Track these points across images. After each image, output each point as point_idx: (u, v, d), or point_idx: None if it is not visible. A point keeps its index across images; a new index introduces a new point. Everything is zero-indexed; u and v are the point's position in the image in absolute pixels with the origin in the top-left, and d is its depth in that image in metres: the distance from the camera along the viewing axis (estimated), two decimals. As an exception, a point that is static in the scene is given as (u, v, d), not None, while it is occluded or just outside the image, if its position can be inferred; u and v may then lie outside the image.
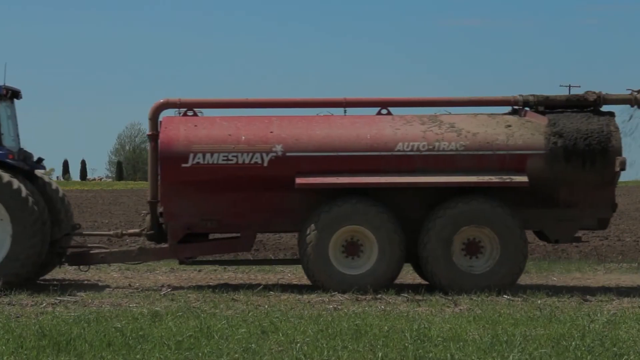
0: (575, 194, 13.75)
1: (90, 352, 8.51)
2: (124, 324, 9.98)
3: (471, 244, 13.60)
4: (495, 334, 9.38)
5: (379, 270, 13.45)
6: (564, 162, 13.56)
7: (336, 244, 13.53)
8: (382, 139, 13.65)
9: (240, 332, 9.50)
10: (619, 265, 17.96)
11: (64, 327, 9.73)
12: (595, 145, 13.56)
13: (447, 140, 13.65)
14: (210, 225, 13.78)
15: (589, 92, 14.09)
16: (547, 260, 18.80)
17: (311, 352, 8.53)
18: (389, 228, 13.44)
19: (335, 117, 14.14)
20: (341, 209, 13.45)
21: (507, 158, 13.59)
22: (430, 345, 8.84)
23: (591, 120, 13.77)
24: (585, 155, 13.55)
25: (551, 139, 13.60)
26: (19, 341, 8.93)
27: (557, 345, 8.86)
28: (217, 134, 13.65)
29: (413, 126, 13.81)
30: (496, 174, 13.54)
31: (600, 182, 13.67)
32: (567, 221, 13.86)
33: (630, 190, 45.57)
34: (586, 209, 13.82)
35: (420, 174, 13.56)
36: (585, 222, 13.95)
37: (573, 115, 13.88)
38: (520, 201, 13.75)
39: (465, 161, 13.59)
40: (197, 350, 8.59)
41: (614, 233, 26.09)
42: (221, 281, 15.10)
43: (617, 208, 14.22)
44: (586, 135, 13.59)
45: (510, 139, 13.66)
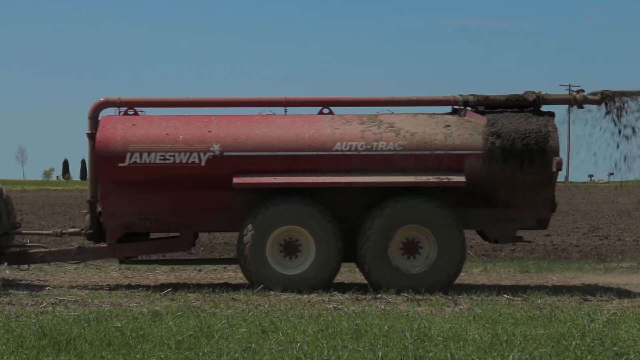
0: (514, 194, 13.75)
1: (90, 352, 8.51)
2: (124, 323, 9.98)
3: (410, 243, 13.60)
4: (495, 334, 9.39)
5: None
6: (502, 162, 13.55)
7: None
8: (320, 139, 13.67)
9: (241, 331, 9.50)
10: (619, 265, 17.97)
11: (64, 326, 9.73)
12: (533, 146, 13.55)
13: (385, 140, 13.66)
14: (149, 224, 13.79)
15: (528, 92, 14.09)
16: (547, 260, 18.81)
17: (311, 351, 8.53)
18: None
19: (275, 116, 14.15)
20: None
21: (445, 158, 13.59)
22: (431, 344, 8.85)
23: (530, 121, 13.78)
24: (523, 155, 13.55)
25: (489, 139, 13.60)
26: (19, 341, 8.93)
27: (557, 344, 8.86)
28: (155, 133, 13.67)
29: (352, 126, 13.83)
30: (434, 174, 13.54)
31: (538, 182, 13.66)
32: (506, 221, 13.86)
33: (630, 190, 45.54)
34: (525, 209, 13.82)
35: (358, 173, 13.58)
36: (525, 222, 13.94)
37: (512, 115, 13.89)
38: (460, 201, 13.77)
39: (403, 161, 13.61)
40: (197, 350, 8.60)
41: (614, 232, 26.11)
42: (221, 281, 15.11)
43: (557, 208, 14.22)
44: (524, 136, 13.59)
45: (449, 138, 13.66)
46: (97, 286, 14.22)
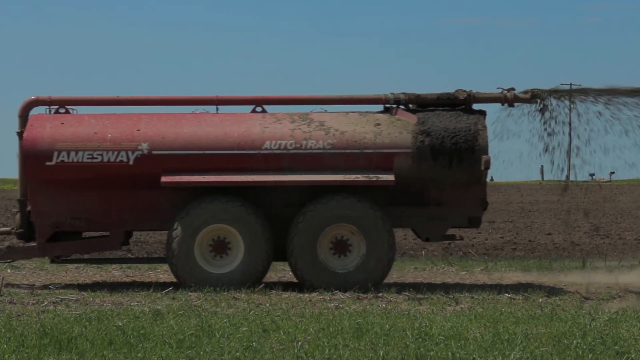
0: (444, 192, 13.74)
1: (91, 351, 8.51)
2: (125, 322, 9.98)
3: (339, 242, 13.59)
4: (497, 333, 9.39)
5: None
6: (431, 161, 13.53)
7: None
8: (249, 137, 13.66)
9: (242, 330, 9.50)
10: (620, 264, 17.95)
11: (65, 325, 9.73)
12: (462, 144, 13.52)
13: (314, 139, 13.64)
14: (78, 223, 13.77)
15: (459, 90, 14.06)
16: (548, 258, 18.80)
17: (312, 350, 8.53)
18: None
19: (205, 114, 14.11)
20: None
21: (375, 157, 13.57)
22: (432, 343, 8.84)
23: (460, 119, 13.76)
24: (452, 154, 13.52)
25: (418, 137, 13.58)
26: (20, 340, 8.93)
27: (558, 343, 8.86)
28: (83, 132, 13.66)
29: (282, 124, 13.82)
30: (363, 172, 13.51)
31: (468, 180, 13.64)
32: (437, 220, 13.83)
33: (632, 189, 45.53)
34: (456, 208, 13.80)
35: (287, 172, 13.57)
36: (456, 220, 13.91)
37: (443, 114, 13.86)
38: (391, 200, 13.76)
39: (333, 160, 13.58)
40: (198, 349, 8.60)
41: (615, 231, 26.11)
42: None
43: (488, 206, 14.22)
44: (453, 134, 13.56)
45: (378, 137, 13.64)
46: (98, 285, 14.21)
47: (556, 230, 26.85)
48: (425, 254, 20.05)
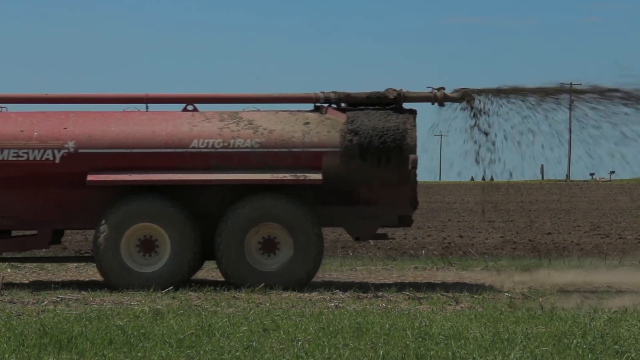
0: (374, 191, 13.70)
1: (91, 350, 8.51)
2: (126, 322, 9.99)
3: (268, 241, 13.59)
4: (497, 332, 9.38)
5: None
6: (360, 160, 13.49)
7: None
8: (177, 136, 13.64)
9: (242, 330, 9.50)
10: (621, 263, 17.96)
11: (66, 325, 9.73)
12: (390, 143, 13.49)
13: (242, 138, 13.62)
14: (7, 222, 13.74)
15: (389, 89, 14.04)
16: (547, 258, 18.81)
17: (312, 350, 8.53)
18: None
19: (134, 113, 14.09)
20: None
21: (303, 156, 13.55)
22: (432, 343, 8.84)
23: (389, 118, 13.73)
24: (380, 153, 13.49)
25: (347, 136, 13.55)
26: (20, 339, 8.93)
27: (558, 343, 8.86)
28: (9, 130, 13.63)
29: (211, 123, 13.80)
30: (291, 171, 13.49)
31: (396, 180, 13.61)
32: (367, 218, 13.79)
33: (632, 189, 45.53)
34: (386, 207, 13.77)
35: (215, 171, 13.55)
36: (386, 219, 13.89)
37: (373, 113, 13.83)
38: (321, 198, 13.73)
39: (261, 159, 13.57)
40: (199, 348, 8.60)
41: (615, 231, 26.13)
42: (222, 279, 15.10)
43: (419, 206, 14.23)
44: (382, 133, 13.54)
45: (307, 136, 13.63)
46: (98, 284, 14.21)
47: (556, 229, 26.87)
48: (425, 254, 20.05)
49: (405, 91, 14.06)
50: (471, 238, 24.83)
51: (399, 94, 13.99)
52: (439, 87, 14.24)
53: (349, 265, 17.69)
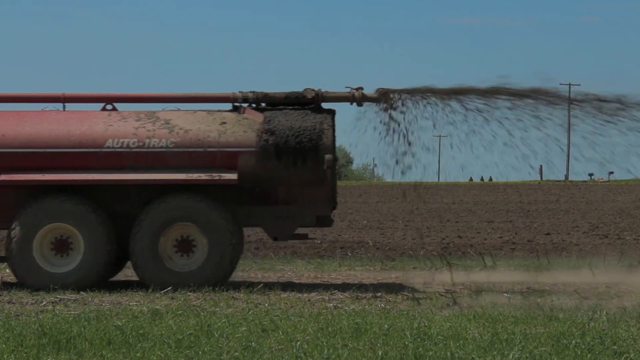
0: (291, 191, 13.69)
1: (90, 351, 8.51)
2: (124, 322, 9.98)
3: (184, 241, 13.57)
4: (495, 332, 9.38)
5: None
6: (275, 160, 13.48)
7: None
8: (91, 136, 13.62)
9: (241, 330, 9.50)
10: (619, 264, 17.96)
11: (64, 325, 9.73)
12: (306, 143, 13.47)
13: (158, 137, 13.60)
14: None
15: (307, 89, 14.03)
16: (546, 258, 18.82)
17: (311, 350, 8.53)
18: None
19: (50, 112, 14.05)
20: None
21: (218, 155, 13.54)
22: (431, 343, 8.84)
23: (307, 118, 13.71)
24: (297, 153, 13.47)
25: (263, 136, 13.53)
26: (19, 339, 8.92)
27: (557, 343, 8.86)
28: None
29: (127, 122, 13.77)
30: (207, 171, 13.48)
31: (313, 180, 13.59)
32: (285, 218, 13.77)
33: (631, 189, 45.52)
34: (304, 207, 13.75)
35: (130, 171, 13.53)
36: (304, 219, 13.86)
37: (291, 113, 13.82)
38: (239, 198, 13.71)
39: (176, 158, 13.54)
40: (197, 349, 8.59)
41: (614, 231, 26.13)
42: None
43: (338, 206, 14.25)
44: (298, 133, 13.52)
45: (223, 136, 13.61)
46: (97, 284, 14.19)
47: (555, 230, 26.87)
48: (424, 254, 20.06)
49: (324, 91, 14.04)
50: (470, 238, 24.85)
51: (317, 93, 13.97)
52: (358, 87, 14.21)
53: (347, 266, 17.71)
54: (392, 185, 45.29)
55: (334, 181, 14.03)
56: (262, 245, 22.49)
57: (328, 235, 25.32)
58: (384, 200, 40.56)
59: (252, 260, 18.62)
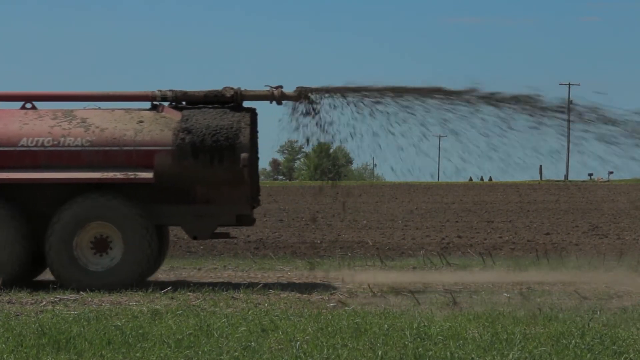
0: (210, 190, 13.68)
1: (90, 350, 8.51)
2: (124, 322, 9.98)
3: (100, 240, 13.57)
4: (495, 332, 9.38)
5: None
6: (192, 159, 13.46)
7: None
8: (5, 134, 13.61)
9: (240, 330, 9.50)
10: (619, 264, 17.95)
11: (64, 325, 9.73)
12: (223, 142, 13.48)
13: (73, 136, 13.59)
14: None
15: (227, 87, 14.04)
16: (546, 258, 18.80)
17: (311, 350, 8.53)
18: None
19: None
20: None
21: (134, 154, 13.53)
22: (430, 343, 8.84)
23: (225, 117, 13.73)
24: (213, 151, 13.48)
25: (179, 135, 13.53)
26: (18, 339, 8.93)
27: (556, 343, 8.86)
28: None
29: (43, 121, 13.75)
30: (123, 170, 13.46)
31: (231, 178, 13.58)
32: (204, 217, 13.76)
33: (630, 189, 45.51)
34: (224, 206, 13.74)
35: (44, 170, 13.48)
36: (224, 218, 13.87)
37: (209, 112, 13.82)
38: (157, 197, 13.70)
39: (92, 157, 13.53)
40: (197, 349, 8.59)
41: (613, 231, 26.13)
42: (221, 279, 15.10)
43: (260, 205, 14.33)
44: (215, 132, 13.52)
45: (139, 134, 13.61)
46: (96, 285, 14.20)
47: (555, 230, 26.86)
48: (424, 254, 20.05)
49: (243, 89, 14.05)
50: (470, 238, 24.84)
51: (236, 92, 13.99)
52: (277, 86, 14.25)
53: (347, 266, 17.70)
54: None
55: (255, 180, 14.06)
56: (261, 245, 22.50)
57: (328, 236, 25.32)
58: (383, 200, 40.56)
59: (252, 260, 18.62)
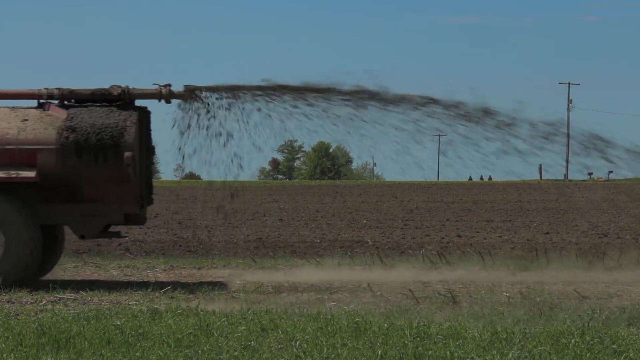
0: (97, 189, 13.61)
1: (89, 350, 8.51)
2: (124, 321, 9.98)
3: None
4: (495, 332, 9.38)
5: None
6: (76, 157, 13.39)
7: None
8: None
9: (240, 329, 9.50)
10: (619, 263, 17.95)
11: (64, 324, 9.73)
12: (107, 141, 13.40)
13: None
14: None
15: (114, 86, 14.00)
16: (545, 257, 18.80)
17: (311, 349, 8.53)
18: None
19: None
20: None
21: (17, 153, 13.45)
22: (430, 342, 8.84)
23: (111, 115, 13.65)
24: (97, 150, 13.40)
25: (64, 133, 13.45)
26: (18, 339, 8.93)
27: (556, 342, 8.86)
28: None
29: None
30: (5, 169, 13.40)
31: (117, 177, 13.50)
32: (92, 216, 13.70)
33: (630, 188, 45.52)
34: (112, 205, 13.68)
35: None
36: (112, 217, 13.81)
37: (96, 110, 13.76)
38: (42, 197, 13.63)
39: None
40: (197, 348, 8.59)
41: (613, 230, 26.12)
42: (221, 279, 15.10)
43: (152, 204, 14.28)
44: (99, 130, 13.45)
45: (22, 133, 13.54)
46: (96, 284, 14.21)
47: (554, 229, 26.86)
48: (424, 253, 20.05)
49: (131, 88, 13.99)
50: (469, 237, 24.83)
51: (123, 90, 13.93)
52: (166, 84, 14.20)
53: (347, 265, 17.70)
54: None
55: (144, 178, 14.02)
56: (261, 245, 22.50)
57: (328, 234, 25.32)
58: (383, 200, 40.56)
59: (252, 260, 18.63)
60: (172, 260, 18.70)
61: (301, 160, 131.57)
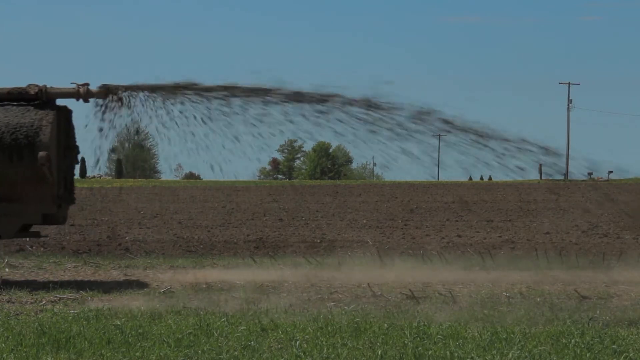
0: (13, 188, 13.57)
1: (89, 350, 8.51)
2: (124, 321, 9.99)
3: None
4: (495, 332, 9.38)
5: None
6: None
7: None
8: None
9: (240, 329, 9.50)
10: (619, 263, 17.96)
11: (64, 324, 9.73)
12: (22, 140, 13.40)
13: None
14: None
15: (31, 85, 13.94)
16: (545, 257, 18.80)
17: (310, 349, 8.53)
18: None
19: None
20: None
21: None
22: (430, 342, 8.85)
23: (27, 114, 13.63)
24: (12, 149, 13.39)
25: None
26: (18, 339, 8.93)
27: (556, 342, 8.86)
28: None
29: None
30: None
31: (32, 177, 13.47)
32: (8, 216, 13.66)
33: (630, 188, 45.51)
34: (28, 204, 13.65)
35: None
36: (30, 217, 13.77)
37: (12, 109, 13.74)
38: None
39: None
40: (197, 348, 8.60)
41: (613, 230, 26.12)
42: (220, 278, 15.09)
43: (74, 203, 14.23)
44: (14, 129, 13.44)
45: None
46: (96, 284, 14.21)
47: (554, 229, 26.86)
48: (424, 253, 20.05)
49: (48, 87, 13.95)
50: (469, 237, 24.83)
51: (40, 89, 13.88)
52: (84, 83, 14.15)
53: (347, 265, 17.69)
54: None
55: (65, 178, 13.98)
56: (261, 244, 22.49)
57: (328, 235, 25.32)
58: (383, 200, 40.56)
59: (251, 260, 18.62)
60: (173, 260, 18.70)
61: (301, 160, 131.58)
